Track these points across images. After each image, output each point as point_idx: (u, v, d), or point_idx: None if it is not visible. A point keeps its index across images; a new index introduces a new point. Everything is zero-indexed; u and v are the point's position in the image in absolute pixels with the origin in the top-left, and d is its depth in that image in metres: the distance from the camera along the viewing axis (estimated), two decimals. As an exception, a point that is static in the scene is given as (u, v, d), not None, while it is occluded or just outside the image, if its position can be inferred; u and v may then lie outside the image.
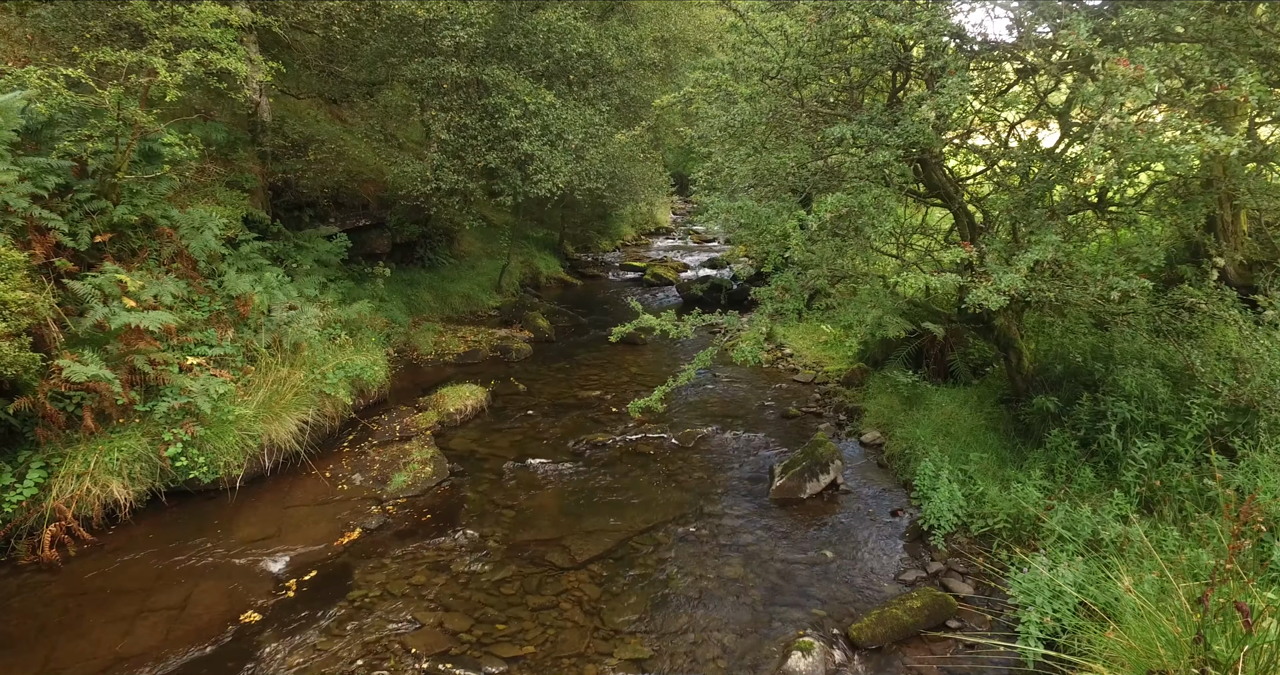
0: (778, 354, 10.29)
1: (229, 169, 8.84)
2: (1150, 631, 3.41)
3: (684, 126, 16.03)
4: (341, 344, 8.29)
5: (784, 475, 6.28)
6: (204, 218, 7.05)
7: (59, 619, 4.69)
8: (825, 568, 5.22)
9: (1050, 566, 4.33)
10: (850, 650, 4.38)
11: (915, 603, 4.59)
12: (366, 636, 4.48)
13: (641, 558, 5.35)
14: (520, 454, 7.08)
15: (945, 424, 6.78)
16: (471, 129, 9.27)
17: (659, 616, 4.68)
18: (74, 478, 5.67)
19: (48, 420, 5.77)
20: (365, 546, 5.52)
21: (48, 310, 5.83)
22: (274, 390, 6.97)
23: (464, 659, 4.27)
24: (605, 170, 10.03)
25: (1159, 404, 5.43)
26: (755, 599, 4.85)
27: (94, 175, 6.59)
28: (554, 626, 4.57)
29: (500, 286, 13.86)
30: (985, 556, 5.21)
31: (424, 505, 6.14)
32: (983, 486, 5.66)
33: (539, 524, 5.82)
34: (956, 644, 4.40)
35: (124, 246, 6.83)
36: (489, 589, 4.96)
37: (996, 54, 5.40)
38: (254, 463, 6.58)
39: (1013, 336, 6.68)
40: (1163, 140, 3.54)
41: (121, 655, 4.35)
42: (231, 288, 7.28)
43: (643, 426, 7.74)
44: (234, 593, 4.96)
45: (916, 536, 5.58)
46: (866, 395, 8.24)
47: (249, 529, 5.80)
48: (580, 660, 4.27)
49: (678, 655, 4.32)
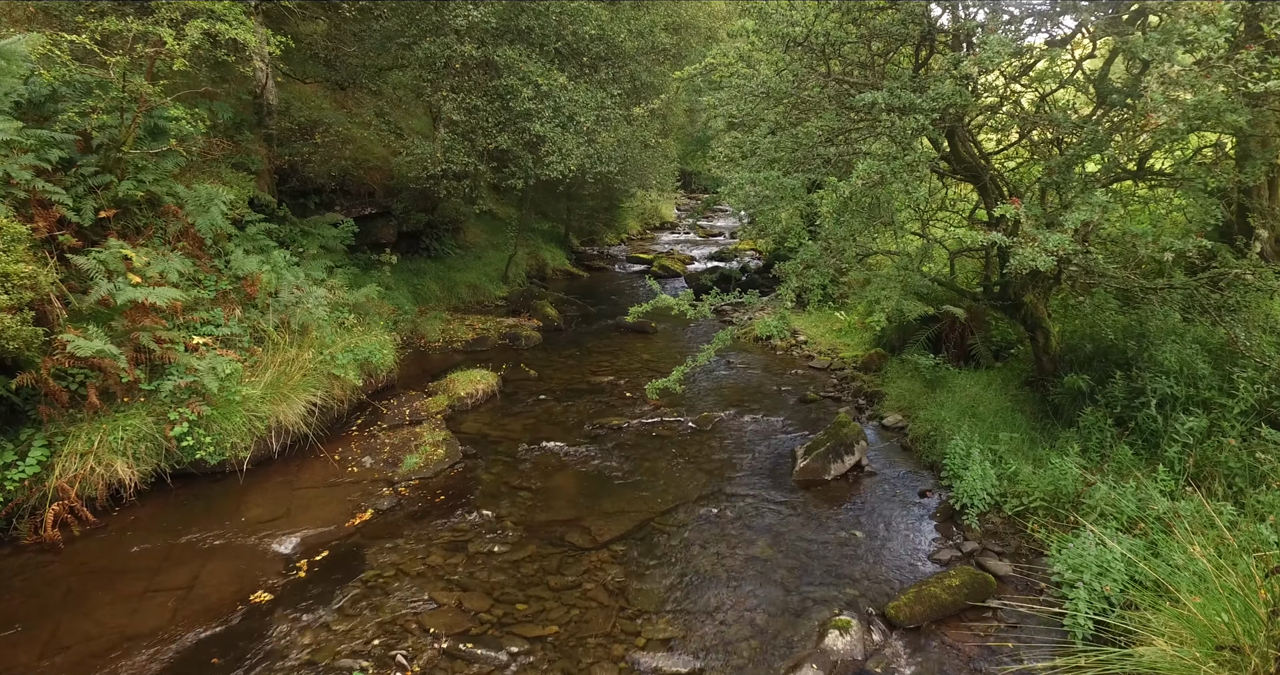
0: (792, 341, 10.10)
1: (235, 150, 8.68)
2: (1219, 605, 3.24)
3: (694, 111, 15.88)
4: (349, 327, 8.11)
5: (807, 456, 6.09)
6: (210, 195, 6.88)
7: (62, 598, 4.51)
8: (856, 547, 5.04)
9: (1096, 542, 4.14)
10: (888, 629, 4.19)
11: (954, 581, 4.41)
12: (382, 616, 4.29)
13: (664, 538, 5.16)
14: (534, 437, 6.90)
15: (970, 406, 6.60)
16: (482, 110, 9.10)
17: (686, 596, 4.50)
18: (77, 457, 5.49)
19: (51, 398, 5.59)
20: (378, 527, 5.34)
21: (50, 286, 5.66)
22: (281, 371, 6.79)
23: (485, 638, 4.09)
24: (617, 154, 9.85)
25: (1200, 380, 5.26)
26: (785, 578, 4.67)
27: (98, 150, 6.41)
28: (577, 606, 4.39)
29: (507, 277, 13.68)
30: (1022, 536, 5.03)
31: (437, 486, 5.96)
32: (1015, 466, 5.48)
33: (556, 505, 5.63)
34: (998, 623, 4.22)
35: (129, 223, 6.66)
36: (508, 569, 4.77)
37: (1030, 23, 5.23)
38: (261, 445, 6.40)
39: (1040, 316, 6.50)
40: (1215, 98, 3.37)
41: (128, 634, 4.17)
42: (238, 267, 7.10)
43: (659, 410, 7.56)
44: (243, 573, 4.78)
45: (948, 516, 5.40)
46: (885, 380, 8.06)
47: (257, 510, 5.62)
48: (607, 640, 4.09)
49: (707, 635, 4.13)
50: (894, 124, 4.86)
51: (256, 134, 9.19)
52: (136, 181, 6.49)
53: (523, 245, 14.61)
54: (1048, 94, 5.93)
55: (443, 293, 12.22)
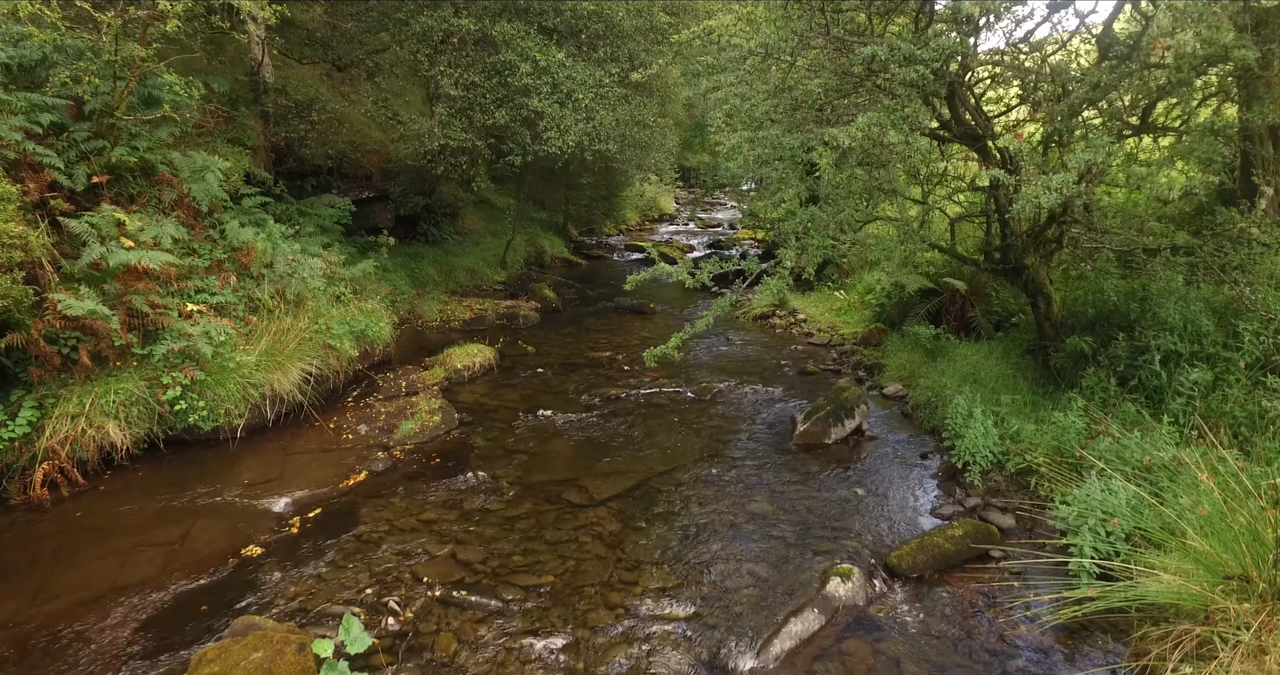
0: (791, 319, 10.05)
1: (230, 126, 8.63)
2: (1226, 542, 3.17)
3: (692, 106, 15.85)
4: (345, 302, 8.05)
5: (807, 421, 6.03)
6: (206, 162, 6.83)
7: (52, 552, 4.44)
8: (857, 504, 4.97)
9: (1101, 487, 4.07)
10: (890, 579, 4.13)
11: (956, 531, 4.34)
12: (374, 568, 4.22)
13: (663, 496, 5.10)
14: (531, 406, 6.83)
15: (971, 373, 6.53)
16: (480, 86, 9.06)
17: (685, 549, 4.43)
18: (68, 418, 5.42)
19: (42, 360, 5.52)
20: (371, 487, 5.27)
21: (42, 249, 5.60)
22: (276, 340, 6.72)
23: (479, 587, 4.02)
24: (615, 132, 9.81)
25: (1204, 337, 5.19)
26: (785, 533, 4.60)
27: (91, 116, 6.36)
28: (573, 558, 4.32)
29: (505, 262, 13.63)
30: (1025, 492, 4.97)
31: (432, 450, 5.90)
32: (1017, 425, 5.41)
33: (553, 467, 5.57)
34: (1002, 572, 4.15)
35: (122, 190, 6.59)
36: (503, 524, 4.71)
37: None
38: (255, 412, 6.33)
39: (1041, 281, 6.44)
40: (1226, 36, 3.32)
41: (117, 585, 4.10)
42: (234, 237, 7.04)
43: (657, 381, 7.50)
44: (235, 529, 4.71)
45: (950, 476, 5.33)
46: (886, 353, 8.00)
47: (250, 473, 5.55)
48: (603, 589, 4.02)
49: (706, 584, 4.06)
50: (894, 75, 4.81)
51: (253, 111, 9.15)
52: (130, 148, 6.43)
53: (520, 233, 14.56)
54: (1049, 55, 5.88)
55: (440, 277, 12.16)
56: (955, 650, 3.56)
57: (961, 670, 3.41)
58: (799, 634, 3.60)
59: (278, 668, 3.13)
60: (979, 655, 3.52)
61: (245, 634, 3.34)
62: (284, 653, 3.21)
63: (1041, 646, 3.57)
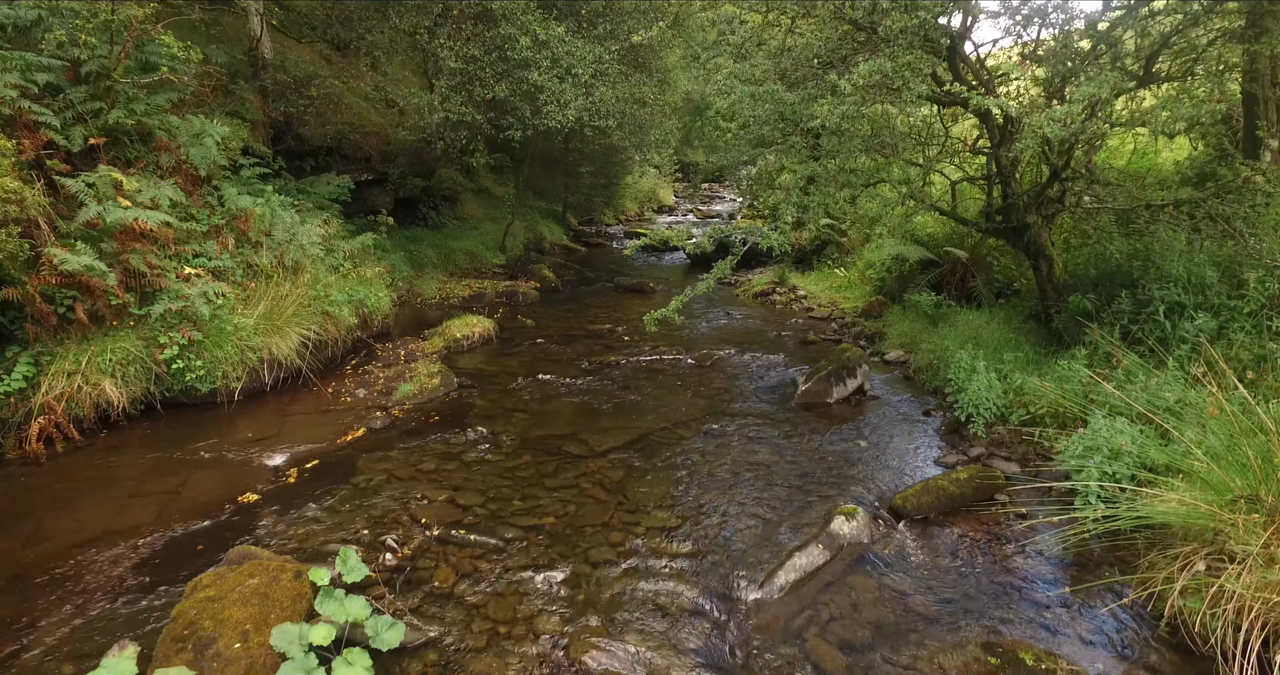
0: (791, 295, 10.01)
1: (229, 99, 8.60)
2: (1235, 468, 3.13)
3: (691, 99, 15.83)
4: (344, 273, 8.01)
5: (809, 380, 5.99)
6: (204, 127, 6.79)
7: (47, 502, 4.39)
8: (860, 454, 4.93)
9: (1107, 427, 4.03)
10: (895, 521, 4.08)
11: (961, 475, 4.30)
12: (372, 512, 4.18)
13: (664, 449, 5.05)
14: (531, 372, 6.79)
15: (973, 336, 6.49)
16: (480, 60, 9.03)
17: (687, 494, 4.39)
18: (64, 376, 5.38)
19: (38, 318, 5.48)
20: (369, 442, 5.23)
21: (37, 208, 5.56)
22: (274, 305, 6.68)
23: (478, 527, 3.97)
24: (615, 109, 9.77)
25: (1208, 288, 5.16)
26: (788, 479, 4.56)
27: (87, 79, 6.33)
28: (574, 502, 4.28)
29: (504, 247, 13.58)
30: (1029, 444, 4.92)
31: (431, 409, 5.86)
32: (1021, 379, 5.37)
33: (553, 423, 5.52)
34: (1008, 514, 4.11)
35: (120, 154, 6.55)
36: (503, 473, 4.66)
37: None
38: (253, 376, 6.29)
39: (1043, 243, 6.41)
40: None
41: (111, 529, 4.05)
42: (232, 204, 7.00)
43: (657, 350, 7.46)
44: (231, 479, 4.67)
45: (953, 429, 5.29)
46: (886, 323, 7.97)
47: (247, 432, 5.51)
48: (604, 529, 3.97)
49: (708, 524, 4.02)
50: (894, 23, 4.77)
51: (251, 86, 9.12)
52: (128, 110, 6.39)
53: (520, 220, 14.52)
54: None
55: (439, 259, 12.11)
56: (962, 583, 3.51)
57: (969, 601, 3.37)
58: (803, 567, 3.55)
59: (274, 593, 3.09)
60: (986, 588, 3.47)
61: (241, 562, 3.30)
62: (280, 579, 3.16)
63: (1049, 578, 3.52)
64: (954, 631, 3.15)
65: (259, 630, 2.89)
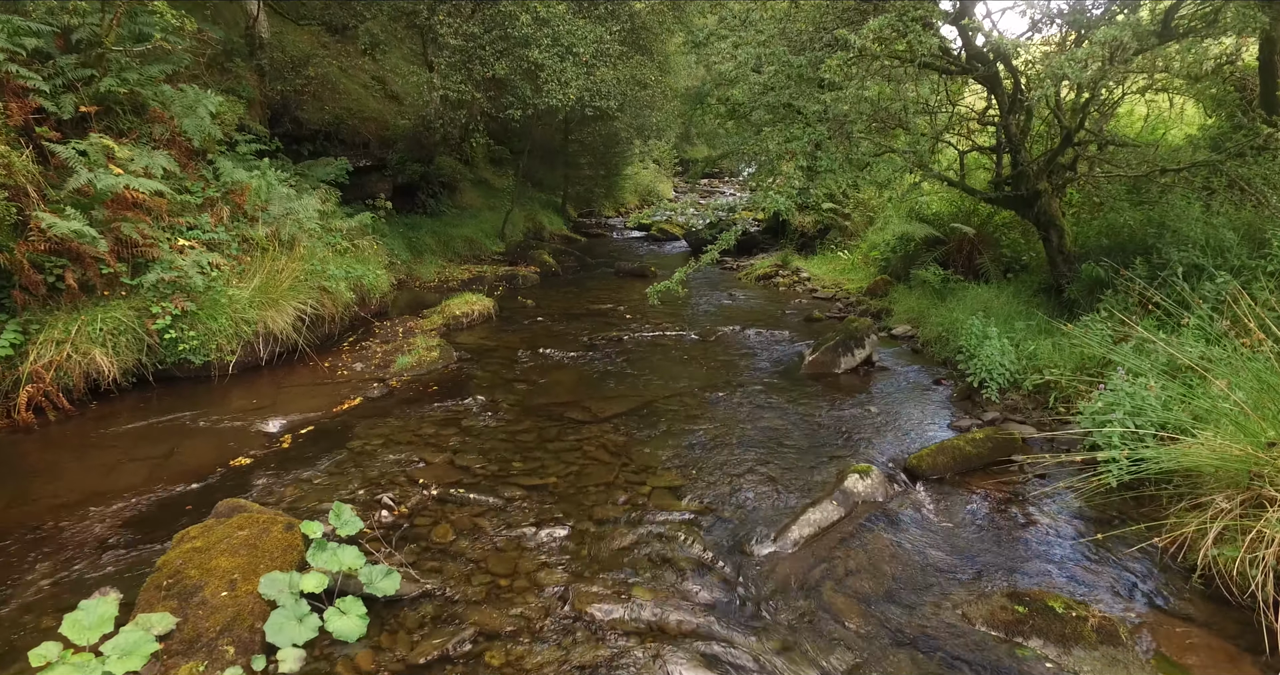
0: (795, 278, 9.88)
1: (226, 76, 8.47)
2: (1270, 410, 3.00)
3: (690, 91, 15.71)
4: (342, 251, 7.88)
5: (816, 351, 5.86)
6: (198, 97, 6.66)
7: (34, 466, 4.25)
8: (871, 420, 4.79)
9: (1129, 382, 3.89)
10: (910, 481, 3.94)
11: (978, 435, 4.17)
12: (368, 474, 4.04)
13: (668, 415, 4.91)
14: (532, 347, 6.65)
15: (983, 308, 6.36)
16: (480, 37, 8.91)
17: (694, 455, 4.25)
18: (53, 344, 5.24)
19: (26, 286, 5.35)
20: (367, 410, 5.09)
21: (25, 174, 5.43)
22: (270, 278, 6.54)
23: (478, 487, 3.83)
24: (616, 90, 9.66)
25: (1228, 250, 5.03)
26: (798, 444, 4.42)
27: (79, 47, 6.20)
28: (576, 464, 4.14)
29: (504, 234, 13.44)
30: (1044, 409, 4.79)
31: (430, 380, 5.72)
32: (1034, 345, 5.24)
33: (555, 392, 5.39)
34: (1026, 475, 3.97)
35: (112, 124, 6.42)
36: (503, 437, 4.52)
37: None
38: (248, 350, 6.15)
39: (1054, 213, 6.29)
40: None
41: (99, 491, 3.91)
42: (227, 177, 6.87)
43: (660, 326, 7.33)
44: (223, 445, 4.53)
45: (965, 396, 5.16)
46: (892, 301, 7.84)
47: (242, 402, 5.37)
48: (609, 488, 3.83)
49: (717, 483, 3.88)
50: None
51: (248, 64, 9.00)
52: (120, 78, 6.26)
53: (520, 209, 14.39)
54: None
55: (438, 246, 11.97)
56: (983, 539, 3.38)
57: (991, 556, 3.23)
58: (817, 522, 3.41)
59: (264, 543, 2.94)
60: (1008, 543, 3.34)
61: (230, 515, 3.15)
62: (270, 531, 3.02)
63: (1073, 534, 3.39)
64: (977, 584, 3.01)
65: (247, 579, 2.75)
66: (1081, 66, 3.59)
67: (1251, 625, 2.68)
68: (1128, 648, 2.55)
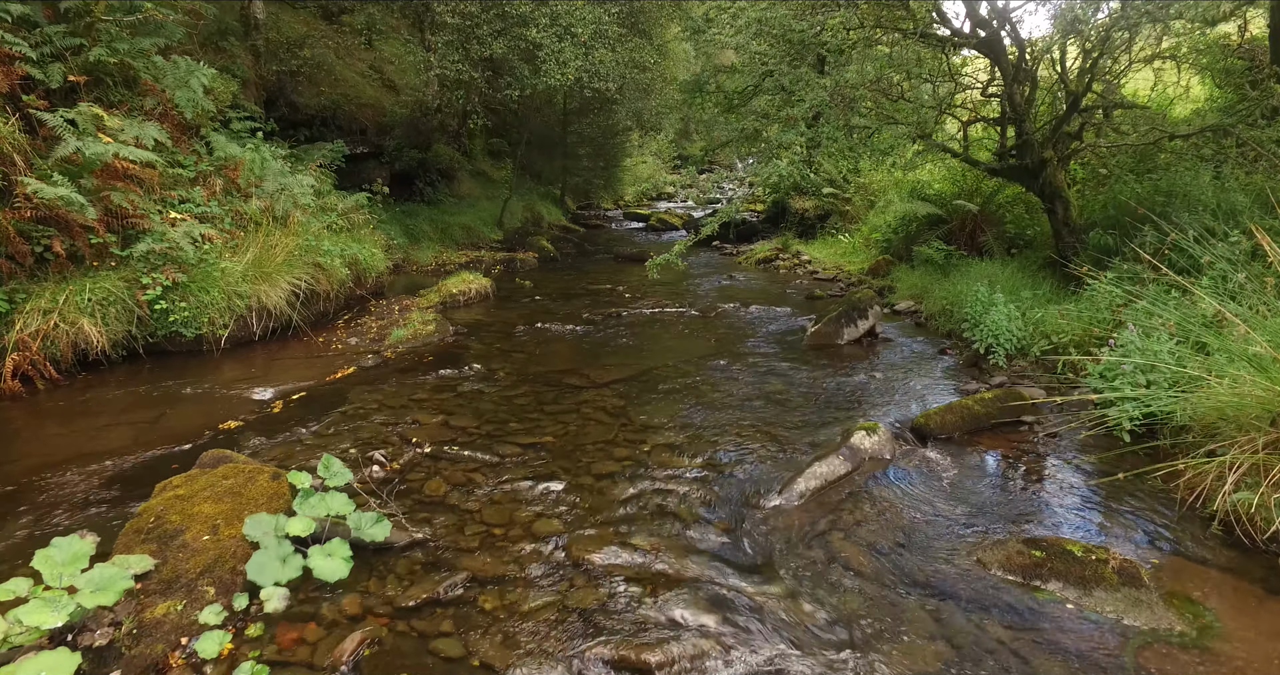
0: (795, 261, 9.77)
1: (220, 56, 8.38)
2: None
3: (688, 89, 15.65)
4: (338, 230, 7.77)
5: (818, 322, 5.75)
6: (190, 68, 6.56)
7: (20, 431, 4.14)
8: (878, 385, 4.68)
9: (1142, 336, 3.79)
10: (919, 440, 3.83)
11: (986, 395, 4.06)
12: (360, 434, 3.93)
13: (669, 381, 4.80)
14: (529, 322, 6.54)
15: (987, 280, 6.25)
16: (478, 17, 8.83)
17: (696, 417, 4.14)
18: (40, 313, 5.12)
19: (13, 254, 5.24)
20: (360, 378, 4.98)
21: (11, 142, 5.32)
22: (264, 252, 6.43)
23: (473, 445, 3.72)
24: (615, 72, 9.57)
25: (1240, 213, 4.93)
26: (803, 406, 4.31)
27: (67, 16, 6.10)
28: (574, 425, 4.03)
29: (501, 223, 13.34)
30: (1052, 374, 4.68)
31: (426, 352, 5.61)
32: (1041, 312, 5.14)
33: (552, 361, 5.28)
34: (1035, 434, 3.86)
35: (103, 95, 6.32)
36: (499, 401, 4.41)
37: None
38: (241, 324, 6.03)
39: (1059, 185, 6.19)
40: None
41: (84, 453, 3.79)
42: (220, 151, 6.77)
43: (660, 303, 7.22)
44: (213, 411, 4.42)
45: (972, 363, 5.05)
46: (894, 279, 7.74)
47: (233, 374, 5.26)
48: (608, 445, 3.72)
49: (720, 442, 3.77)
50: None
51: (243, 44, 8.91)
52: (110, 48, 6.16)
53: (518, 199, 14.29)
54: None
55: (436, 233, 11.86)
56: (994, 491, 3.27)
57: (1003, 507, 3.12)
58: (824, 476, 3.30)
59: (249, 491, 2.84)
60: (1020, 495, 3.23)
61: (215, 466, 3.05)
62: (256, 480, 2.91)
63: (1086, 487, 3.28)
64: (990, 532, 2.90)
65: (230, 524, 2.64)
66: (1096, 6, 3.50)
67: (1276, 569, 2.58)
68: (1151, 590, 2.44)
